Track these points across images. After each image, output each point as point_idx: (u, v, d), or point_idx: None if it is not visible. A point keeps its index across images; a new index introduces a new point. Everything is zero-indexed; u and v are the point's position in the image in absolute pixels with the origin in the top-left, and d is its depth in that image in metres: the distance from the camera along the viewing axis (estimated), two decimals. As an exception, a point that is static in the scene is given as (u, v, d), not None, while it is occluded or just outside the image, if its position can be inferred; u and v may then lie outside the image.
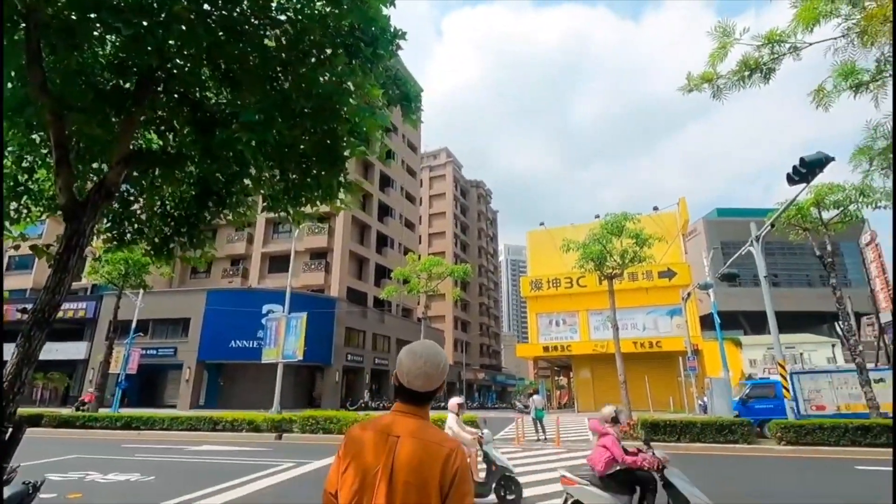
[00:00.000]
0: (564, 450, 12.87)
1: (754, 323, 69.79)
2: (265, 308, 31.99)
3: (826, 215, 15.36)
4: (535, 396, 16.95)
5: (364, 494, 1.44)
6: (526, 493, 7.57)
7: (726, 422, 13.44)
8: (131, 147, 2.97)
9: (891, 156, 6.73)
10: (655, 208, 34.37)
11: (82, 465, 10.28)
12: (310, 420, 16.08)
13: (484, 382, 72.97)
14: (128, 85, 3.10)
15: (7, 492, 3.32)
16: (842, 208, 14.95)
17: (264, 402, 24.05)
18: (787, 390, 14.46)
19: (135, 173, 3.25)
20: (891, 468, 9.83)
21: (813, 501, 7.19)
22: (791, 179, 10.41)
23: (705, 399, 21.83)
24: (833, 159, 10.04)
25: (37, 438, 15.33)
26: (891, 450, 11.54)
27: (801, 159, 10.15)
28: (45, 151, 3.37)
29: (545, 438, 14.80)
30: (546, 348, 35.95)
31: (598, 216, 19.95)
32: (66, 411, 20.51)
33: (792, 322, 61.67)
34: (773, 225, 14.63)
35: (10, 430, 2.24)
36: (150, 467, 10.24)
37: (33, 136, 3.37)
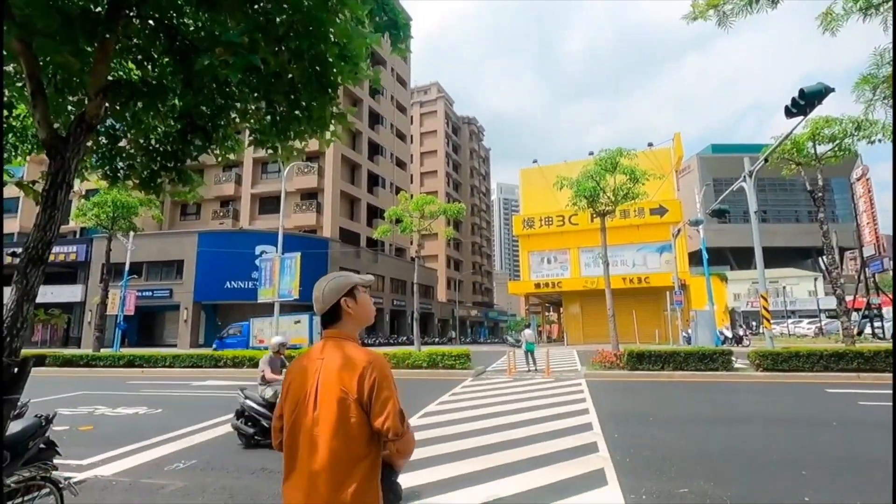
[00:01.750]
0: (553, 379, 13.50)
1: (741, 259, 71.35)
2: (258, 249, 32.03)
3: (821, 149, 15.28)
4: (526, 330, 17.52)
5: (299, 413, 1.61)
6: (520, 417, 8.03)
7: (708, 351, 14.07)
8: (109, 78, 2.82)
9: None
10: (650, 144, 33.90)
11: (90, 401, 10.67)
12: (308, 356, 16.59)
13: (476, 319, 75.06)
14: (98, 9, 2.89)
15: (20, 425, 3.46)
16: (837, 142, 14.84)
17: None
18: (768, 321, 15.04)
19: (116, 106, 3.11)
20: (857, 390, 10.48)
21: (781, 415, 7.72)
22: (789, 112, 10.24)
23: (689, 331, 22.73)
24: (833, 90, 9.83)
25: (42, 377, 15.77)
26: (856, 374, 12.23)
27: (801, 90, 9.93)
28: (20, 85, 3.20)
29: (535, 369, 15.47)
30: (537, 285, 36.70)
31: (591, 153, 19.65)
32: (68, 351, 20.95)
33: (778, 257, 63.13)
34: (766, 160, 14.56)
35: (18, 364, 2.29)
36: (157, 401, 10.66)
37: (6, 68, 3.19)
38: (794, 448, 5.96)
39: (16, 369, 2.32)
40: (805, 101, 10.11)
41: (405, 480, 4.71)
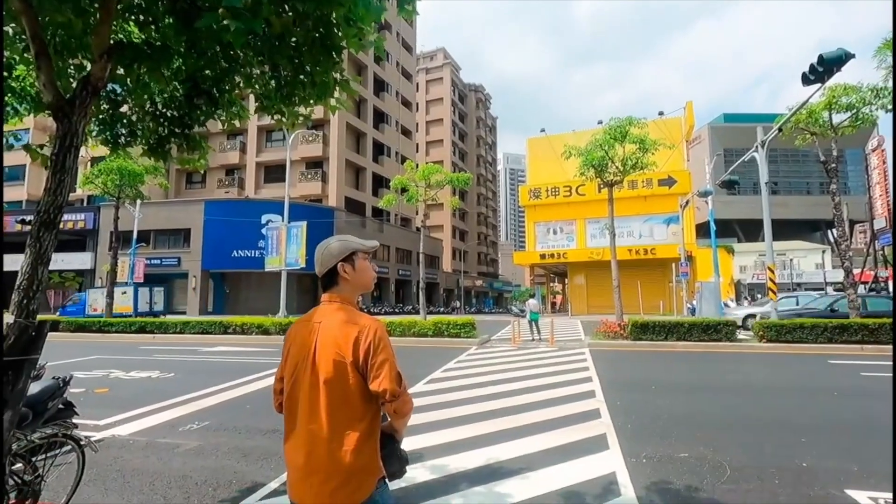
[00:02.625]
0: (557, 348, 13.68)
1: (748, 231, 70.80)
2: (264, 218, 32.09)
3: (837, 119, 14.89)
4: (530, 300, 17.64)
5: (298, 376, 1.65)
6: (523, 384, 8.18)
7: (712, 322, 14.15)
8: (112, 39, 2.77)
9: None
10: (661, 113, 33.18)
11: (104, 365, 10.96)
12: (316, 323, 16.85)
13: (481, 289, 75.53)
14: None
15: (39, 386, 3.57)
16: (854, 110, 14.45)
17: (269, 308, 25.04)
18: (774, 293, 15.03)
19: (120, 70, 3.07)
20: (860, 362, 10.55)
21: (783, 385, 7.81)
22: (807, 79, 9.95)
23: (694, 303, 22.78)
24: (853, 56, 9.51)
25: (57, 342, 16.16)
26: (860, 346, 12.29)
27: (820, 56, 9.61)
28: (20, 46, 3.15)
29: (539, 338, 15.65)
30: (543, 256, 36.71)
31: (600, 122, 19.27)
32: (82, 318, 21.36)
33: (786, 229, 62.59)
34: (780, 129, 14.23)
35: (35, 325, 2.34)
36: (169, 366, 10.92)
37: (5, 29, 3.13)
38: (794, 416, 6.06)
39: (33, 331, 2.37)
40: (824, 68, 9.79)
41: (408, 444, 4.86)
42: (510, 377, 8.93)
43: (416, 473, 4.14)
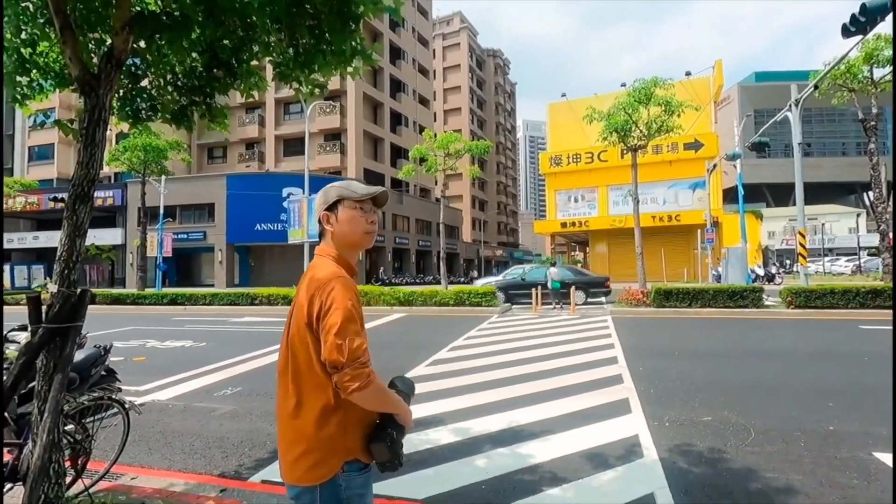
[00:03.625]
0: (579, 316, 13.68)
1: (778, 195, 68.45)
2: (285, 191, 32.38)
3: (878, 74, 14.07)
4: (552, 269, 17.58)
5: (284, 335, 1.52)
6: (545, 351, 8.26)
7: (737, 288, 13.90)
8: (132, 11, 2.78)
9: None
10: (688, 73, 31.71)
11: (140, 335, 11.44)
12: (339, 294, 17.18)
13: (501, 259, 75.41)
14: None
15: (83, 354, 3.76)
16: (897, 64, 13.61)
17: (293, 280, 25.47)
18: (804, 258, 14.62)
19: (141, 43, 3.08)
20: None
21: (811, 350, 7.69)
22: (847, 31, 9.37)
23: (719, 269, 22.37)
24: (900, 4, 8.87)
25: (95, 314, 16.89)
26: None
27: (863, 5, 9.01)
28: (41, 21, 3.18)
29: (561, 307, 15.66)
30: (564, 224, 36.29)
31: (623, 84, 18.59)
32: (115, 290, 22.21)
33: (819, 193, 60.23)
34: (816, 86, 13.53)
35: (77, 295, 2.44)
36: (201, 336, 11.34)
37: (25, 4, 3.16)
38: (821, 381, 5.99)
39: (75, 300, 2.48)
40: (866, 18, 9.19)
41: (429, 408, 4.98)
42: (531, 344, 9.00)
43: (440, 436, 4.27)
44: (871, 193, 15.88)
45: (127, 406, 3.46)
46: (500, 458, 3.76)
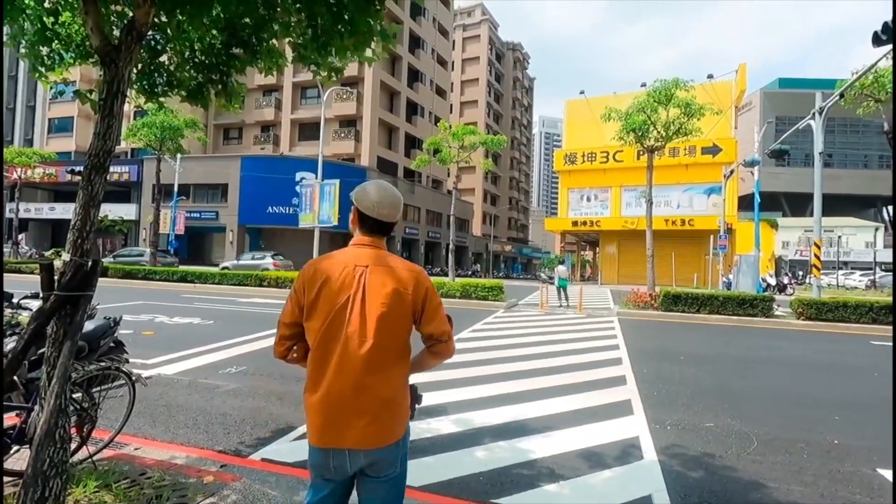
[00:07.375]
0: (585, 315, 13.62)
1: (795, 205, 67.44)
2: (298, 175, 32.46)
3: (907, 85, 13.70)
4: (560, 266, 17.49)
5: (335, 321, 1.54)
6: (550, 348, 8.24)
7: (747, 296, 13.73)
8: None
9: None
10: (710, 76, 31.20)
11: (150, 310, 11.59)
12: (347, 280, 17.27)
13: (510, 255, 75.23)
14: None
15: (93, 324, 3.81)
16: (928, 76, 13.25)
17: (302, 264, 25.68)
18: (818, 269, 14.40)
19: (162, 17, 3.08)
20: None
21: (819, 363, 7.58)
22: (878, 39, 9.13)
23: (730, 276, 22.11)
24: (935, 14, 8.61)
25: (106, 287, 17.13)
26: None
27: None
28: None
29: (567, 305, 15.60)
30: (575, 223, 36.06)
31: (643, 84, 18.34)
32: (127, 265, 22.49)
33: (837, 205, 59.22)
34: (842, 95, 13.23)
35: (90, 262, 2.46)
36: (209, 314, 11.47)
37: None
38: (829, 393, 5.91)
39: (87, 269, 2.50)
40: (899, 27, 8.94)
41: (431, 398, 5.00)
42: (536, 341, 8.99)
43: (442, 426, 4.28)
44: (891, 208, 15.54)
45: (133, 378, 3.51)
46: (499, 451, 3.77)
